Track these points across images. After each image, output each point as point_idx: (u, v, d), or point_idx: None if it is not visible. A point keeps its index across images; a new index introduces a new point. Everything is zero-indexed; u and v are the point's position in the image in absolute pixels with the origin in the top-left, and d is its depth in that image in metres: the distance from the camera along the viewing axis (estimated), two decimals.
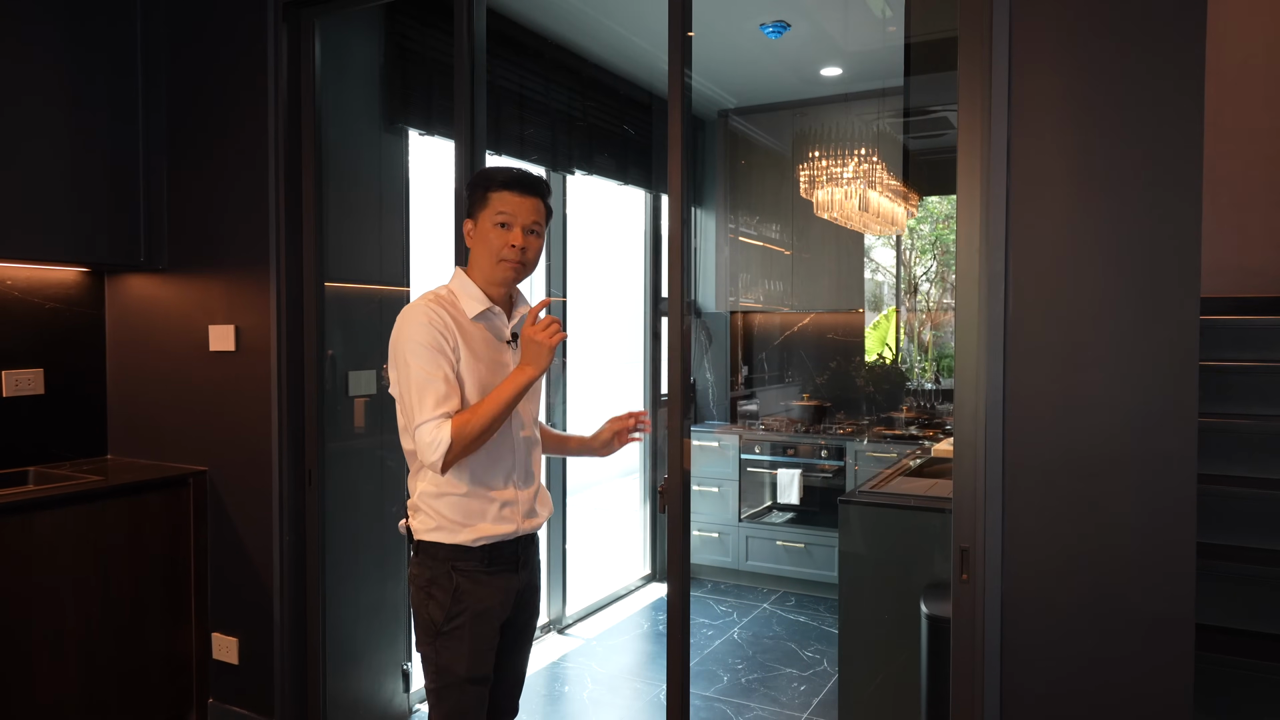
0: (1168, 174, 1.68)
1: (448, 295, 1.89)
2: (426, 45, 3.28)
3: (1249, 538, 2.56)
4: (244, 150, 2.89)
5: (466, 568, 1.87)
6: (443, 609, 1.86)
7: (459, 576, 1.87)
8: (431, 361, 1.79)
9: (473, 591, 1.87)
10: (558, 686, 3.58)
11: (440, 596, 1.87)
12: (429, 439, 1.77)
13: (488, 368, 1.88)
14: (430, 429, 1.77)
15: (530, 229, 1.88)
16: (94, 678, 2.71)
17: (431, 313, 1.82)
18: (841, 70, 4.56)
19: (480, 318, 1.89)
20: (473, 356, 1.85)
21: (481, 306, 1.88)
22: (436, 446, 1.76)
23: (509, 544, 1.93)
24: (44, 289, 3.05)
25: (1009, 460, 1.82)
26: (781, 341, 5.45)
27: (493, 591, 1.90)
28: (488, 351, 1.89)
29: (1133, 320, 1.72)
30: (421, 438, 1.78)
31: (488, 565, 1.89)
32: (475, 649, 1.87)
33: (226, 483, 2.98)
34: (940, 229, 5.42)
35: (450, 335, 1.82)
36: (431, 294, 1.89)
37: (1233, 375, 2.85)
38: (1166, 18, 1.68)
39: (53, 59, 2.77)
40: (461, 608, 1.87)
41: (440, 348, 1.80)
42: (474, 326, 1.88)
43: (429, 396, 1.78)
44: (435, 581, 1.87)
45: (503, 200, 1.87)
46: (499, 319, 1.93)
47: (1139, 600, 1.72)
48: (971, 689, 1.86)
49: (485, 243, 1.88)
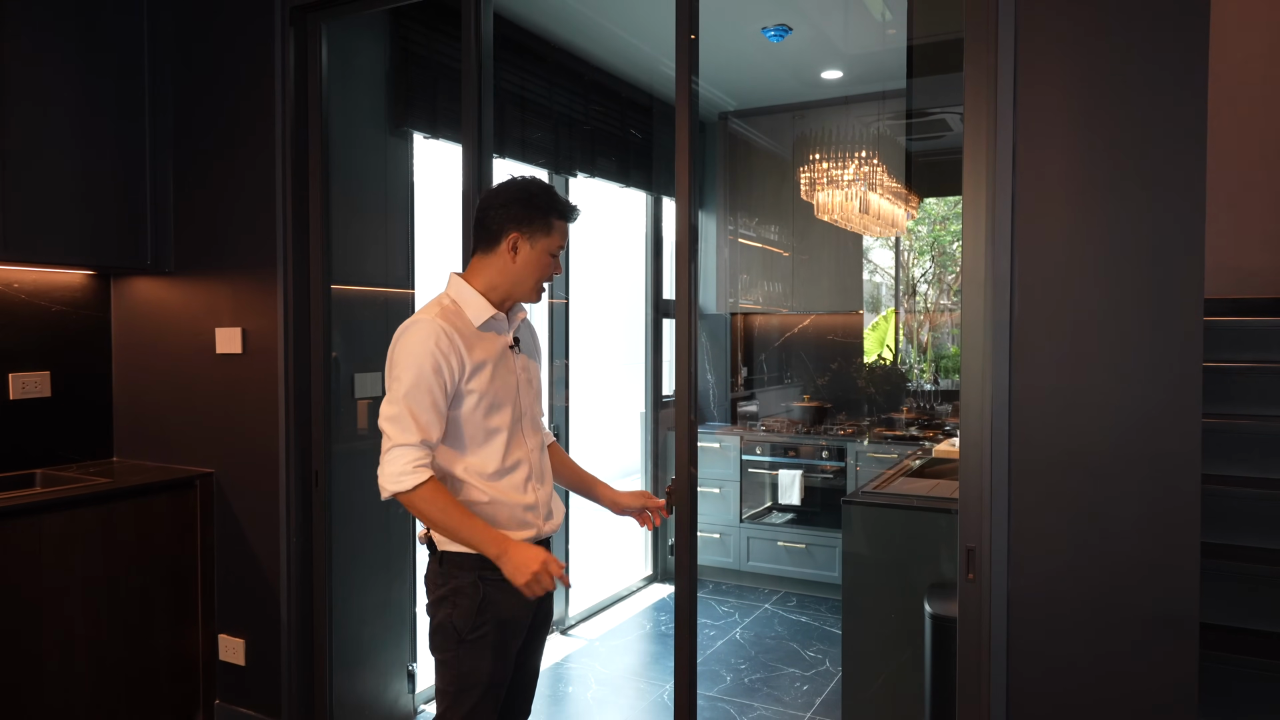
0: (1171, 178, 1.71)
1: (452, 306, 1.87)
2: (432, 49, 3.30)
3: (1249, 537, 2.58)
4: (251, 153, 2.91)
5: (494, 576, 1.83)
6: (468, 618, 1.84)
7: (486, 586, 1.85)
8: (430, 381, 1.76)
9: (499, 601, 1.86)
10: (561, 687, 3.60)
11: (465, 605, 1.85)
12: (397, 469, 1.74)
13: (494, 375, 1.87)
14: (405, 462, 1.74)
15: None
16: (102, 679, 2.72)
17: (440, 334, 1.78)
18: (841, 73, 4.59)
19: (486, 326, 1.88)
20: (480, 367, 1.84)
21: (487, 314, 1.87)
22: (399, 480, 1.74)
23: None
24: (50, 291, 3.06)
25: (1015, 460, 1.85)
26: (781, 343, 5.48)
27: (516, 601, 1.87)
28: (494, 358, 1.87)
29: (1136, 323, 1.74)
30: (391, 463, 1.75)
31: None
32: (498, 655, 1.87)
33: (233, 485, 2.99)
34: (938, 230, 5.45)
35: (456, 355, 1.79)
36: (436, 306, 1.85)
37: (1232, 376, 2.88)
38: (1170, 25, 1.70)
39: (60, 63, 2.78)
40: (487, 617, 1.85)
41: (439, 372, 1.77)
42: (480, 335, 1.86)
43: (411, 419, 1.75)
44: (460, 590, 1.85)
45: (562, 232, 1.91)
46: (501, 324, 1.91)
47: (1144, 599, 1.74)
48: (978, 687, 1.88)
49: (533, 266, 1.88)
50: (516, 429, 1.91)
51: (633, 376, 5.10)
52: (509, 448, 1.88)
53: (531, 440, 1.95)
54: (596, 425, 5.30)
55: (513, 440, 1.90)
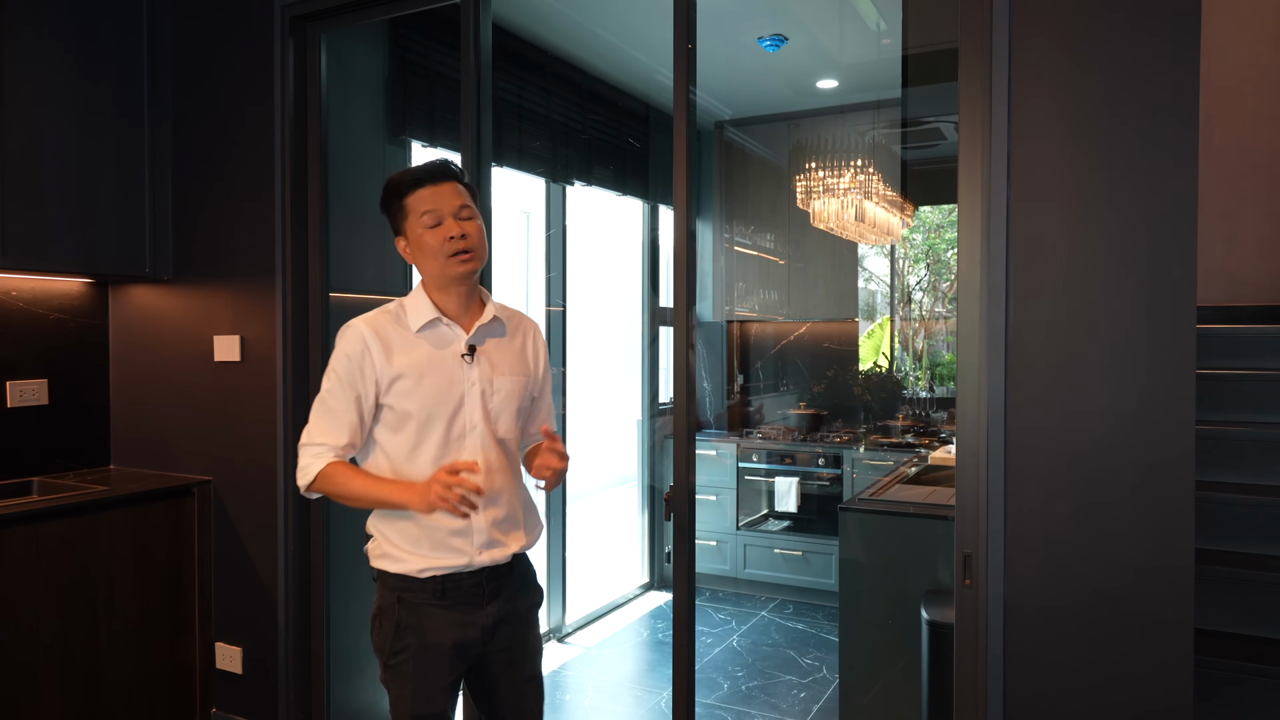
0: (1163, 186, 1.73)
1: (395, 309, 1.79)
2: (430, 58, 3.32)
3: (1242, 543, 2.60)
4: (250, 161, 2.92)
5: (414, 600, 1.72)
6: (386, 640, 1.75)
7: (402, 609, 1.73)
8: (339, 389, 1.73)
9: (417, 626, 1.73)
10: (559, 695, 3.60)
11: (386, 627, 1.75)
12: (303, 462, 1.74)
13: (435, 384, 1.73)
14: (308, 455, 1.73)
15: (461, 214, 1.75)
16: (99, 688, 2.72)
17: (358, 338, 1.73)
18: (837, 82, 4.62)
19: (427, 330, 1.76)
20: (416, 374, 1.73)
21: (426, 318, 1.75)
22: (303, 473, 1.73)
23: (469, 575, 1.75)
24: (48, 300, 3.06)
25: (1010, 467, 1.86)
26: (777, 350, 5.49)
27: (445, 626, 1.73)
28: (435, 365, 1.74)
29: (1131, 330, 1.76)
30: (300, 458, 1.75)
31: (440, 598, 1.74)
32: (419, 686, 1.73)
33: (231, 493, 2.99)
34: (932, 238, 5.47)
35: (370, 363, 1.72)
36: (378, 311, 1.79)
37: (1225, 383, 2.90)
38: (1162, 35, 1.72)
39: (60, 72, 2.79)
40: (404, 643, 1.73)
41: (353, 380, 1.72)
42: (420, 340, 1.75)
43: (322, 421, 1.74)
44: (383, 611, 1.76)
45: (419, 200, 1.74)
46: (450, 329, 1.77)
47: (1139, 604, 1.75)
48: (975, 693, 1.89)
49: (424, 249, 1.74)
50: (458, 444, 1.75)
51: (629, 384, 5.11)
52: (438, 462, 1.73)
53: (480, 457, 1.76)
54: (593, 433, 5.31)
55: (449, 456, 1.74)
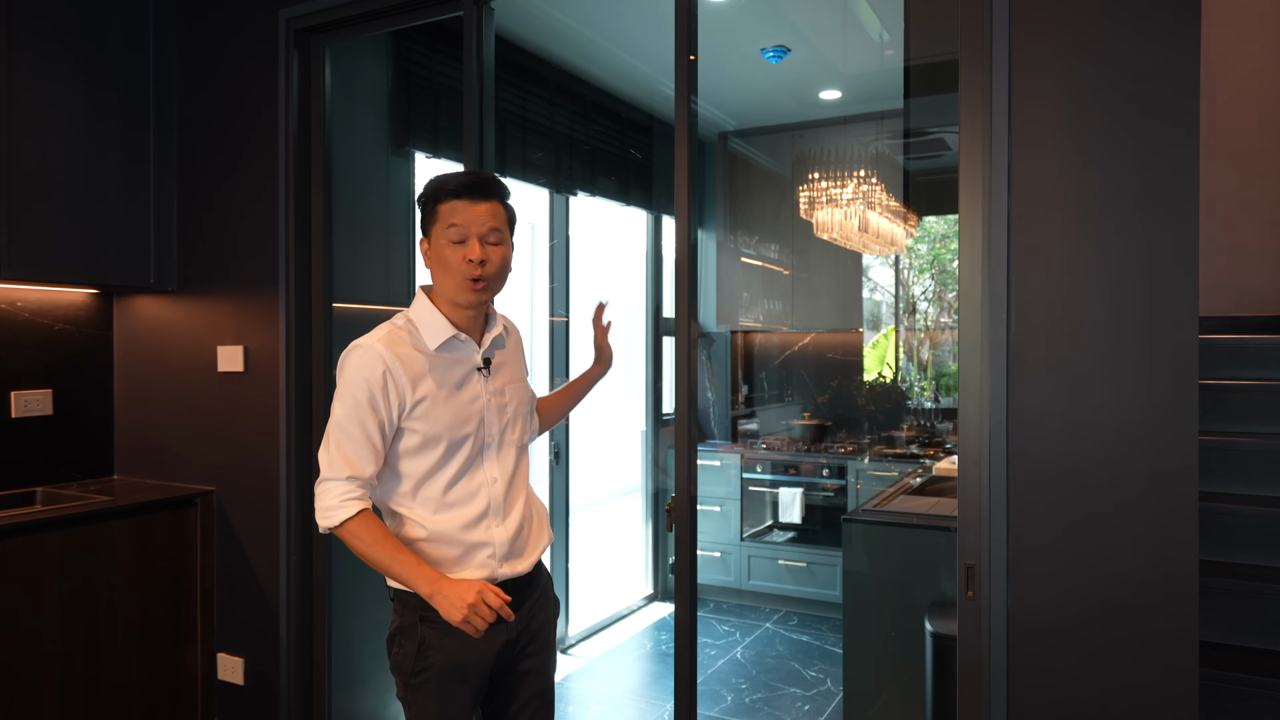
0: (1164, 196, 1.72)
1: (406, 326, 1.71)
2: (434, 70, 3.34)
3: (1246, 555, 2.58)
4: (254, 172, 2.93)
5: (438, 619, 1.67)
6: (409, 660, 1.72)
7: (425, 628, 1.70)
8: (362, 415, 1.63)
9: (440, 645, 1.70)
10: (562, 707, 3.58)
11: (408, 647, 1.72)
12: (326, 504, 1.64)
13: (457, 403, 1.71)
14: (333, 496, 1.64)
15: (489, 239, 1.69)
16: (100, 698, 2.71)
17: (378, 361, 1.64)
18: (840, 93, 4.63)
19: (445, 348, 1.71)
20: (438, 396, 1.68)
21: (445, 336, 1.70)
22: (328, 515, 1.64)
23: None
24: (53, 310, 3.08)
25: (1013, 478, 1.85)
26: (782, 361, 5.48)
27: (467, 645, 1.71)
28: (455, 385, 1.71)
29: (1133, 340, 1.75)
30: (322, 497, 1.65)
31: None
32: (442, 707, 1.71)
33: (234, 503, 3.00)
34: (937, 248, 5.47)
35: (395, 389, 1.65)
36: (387, 327, 1.70)
37: (1229, 393, 2.89)
38: (1163, 44, 1.72)
39: (66, 84, 2.81)
40: (427, 663, 1.70)
41: (375, 405, 1.63)
42: (439, 359, 1.70)
43: (346, 450, 1.64)
44: (404, 631, 1.73)
45: (453, 211, 1.67)
46: (467, 345, 1.74)
47: (1142, 616, 1.74)
48: (978, 705, 1.88)
49: (442, 262, 1.68)
50: (477, 460, 1.74)
51: (633, 394, 5.11)
52: (458, 480, 1.72)
53: (498, 469, 1.77)
54: (597, 443, 5.30)
55: (469, 472, 1.73)
